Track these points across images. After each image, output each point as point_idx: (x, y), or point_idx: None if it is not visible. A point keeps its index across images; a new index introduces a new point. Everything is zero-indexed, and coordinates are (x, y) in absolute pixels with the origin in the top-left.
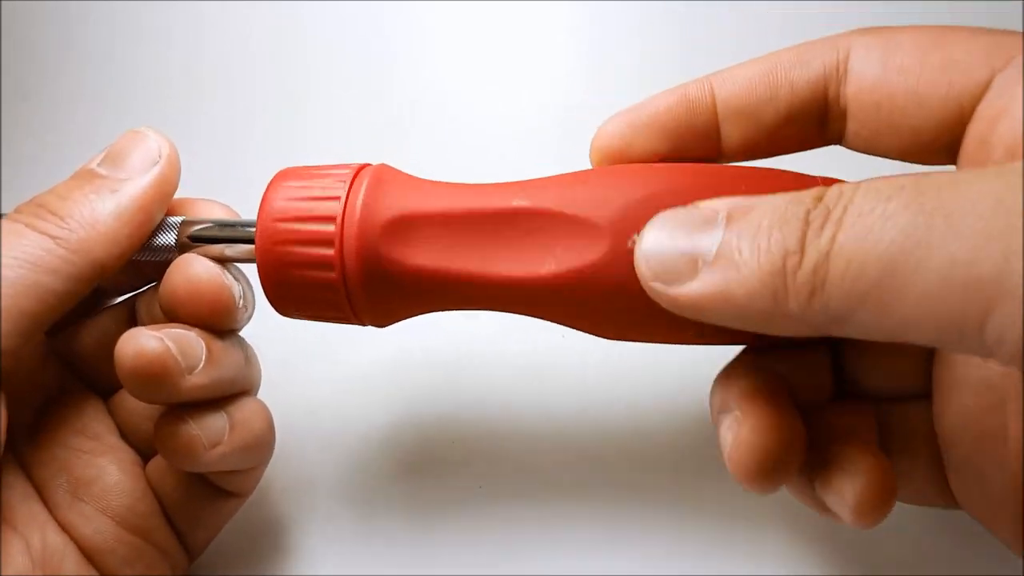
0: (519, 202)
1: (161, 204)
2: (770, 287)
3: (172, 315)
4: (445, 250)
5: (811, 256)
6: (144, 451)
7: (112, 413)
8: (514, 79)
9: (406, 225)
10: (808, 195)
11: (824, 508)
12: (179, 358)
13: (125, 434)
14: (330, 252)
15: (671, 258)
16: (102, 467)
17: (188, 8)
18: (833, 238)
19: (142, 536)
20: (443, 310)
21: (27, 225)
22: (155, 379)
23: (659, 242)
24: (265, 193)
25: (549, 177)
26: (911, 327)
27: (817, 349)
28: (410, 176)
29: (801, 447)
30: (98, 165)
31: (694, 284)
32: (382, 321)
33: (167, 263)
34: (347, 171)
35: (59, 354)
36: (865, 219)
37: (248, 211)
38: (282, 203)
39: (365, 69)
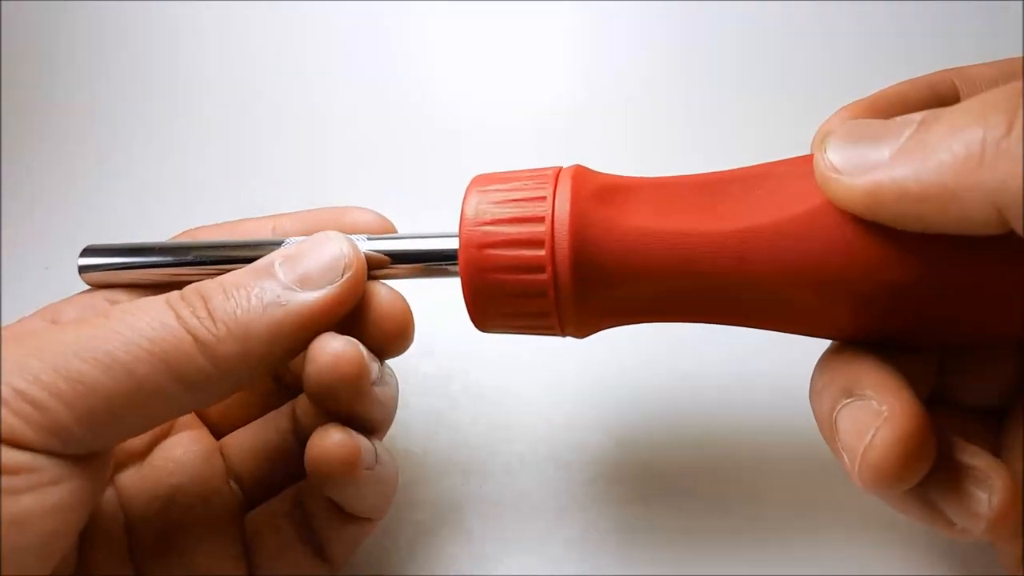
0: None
1: (328, 326)
2: (963, 155)
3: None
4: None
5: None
6: (250, 496)
7: (225, 451)
8: (514, 80)
9: (616, 227)
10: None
11: (934, 516)
12: (369, 365)
13: (233, 474)
14: (540, 253)
15: (857, 153)
16: (201, 515)
17: (190, 8)
18: None
19: None
20: (651, 309)
21: (180, 320)
22: (348, 381)
23: (846, 145)
24: (464, 201)
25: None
26: None
27: (929, 350)
28: (609, 175)
29: (935, 440)
30: (279, 265)
31: (879, 172)
32: (587, 325)
33: None
34: (546, 173)
35: None
36: None
37: (262, 210)
38: (485, 206)
39: (365, 69)
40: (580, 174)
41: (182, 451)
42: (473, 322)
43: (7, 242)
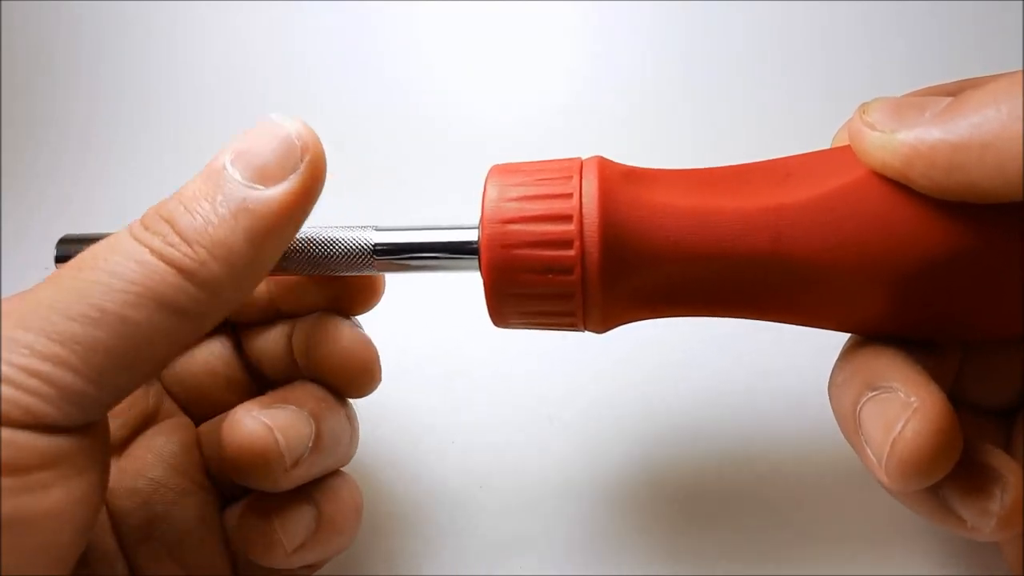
0: (775, 244)
1: (299, 223)
2: (1006, 112)
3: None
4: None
5: None
6: (226, 491)
7: (201, 442)
8: (514, 80)
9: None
10: None
11: (946, 514)
12: (284, 453)
13: (211, 470)
14: (568, 228)
15: (898, 115)
16: (183, 509)
17: (192, 9)
18: None
19: None
20: (679, 298)
21: (156, 253)
22: (256, 470)
23: (886, 110)
24: (486, 184)
25: (815, 199)
26: None
27: (953, 348)
28: (633, 166)
29: (962, 435)
30: (231, 164)
31: (919, 128)
32: (611, 313)
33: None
34: (569, 159)
35: (161, 375)
36: None
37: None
38: (509, 186)
39: (365, 68)
40: (605, 161)
41: (163, 441)
42: (489, 310)
43: (7, 242)
